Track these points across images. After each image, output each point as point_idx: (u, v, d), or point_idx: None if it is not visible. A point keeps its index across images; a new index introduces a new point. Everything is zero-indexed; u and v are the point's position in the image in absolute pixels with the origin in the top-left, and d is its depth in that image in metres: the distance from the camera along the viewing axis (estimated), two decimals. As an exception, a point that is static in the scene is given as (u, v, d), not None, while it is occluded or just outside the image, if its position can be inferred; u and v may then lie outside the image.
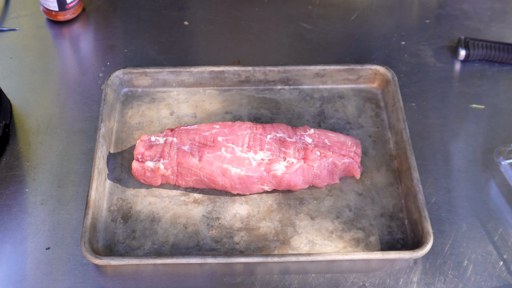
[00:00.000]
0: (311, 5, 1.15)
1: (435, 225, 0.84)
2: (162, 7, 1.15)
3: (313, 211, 0.85)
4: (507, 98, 0.99)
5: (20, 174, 0.90)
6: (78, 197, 0.87)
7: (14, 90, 1.00)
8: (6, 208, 0.86)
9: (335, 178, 0.87)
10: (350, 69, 0.98)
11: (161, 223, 0.84)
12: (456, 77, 1.03)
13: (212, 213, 0.85)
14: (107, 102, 0.93)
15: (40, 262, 0.81)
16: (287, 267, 0.80)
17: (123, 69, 0.97)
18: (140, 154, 0.86)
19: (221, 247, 0.82)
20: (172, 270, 0.80)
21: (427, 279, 0.80)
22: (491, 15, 1.12)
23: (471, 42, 1.03)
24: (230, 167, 0.84)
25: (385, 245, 0.82)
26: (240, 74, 0.98)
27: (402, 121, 0.90)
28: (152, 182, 0.87)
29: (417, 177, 0.84)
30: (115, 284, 0.79)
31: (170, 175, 0.86)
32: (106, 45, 1.08)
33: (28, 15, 1.13)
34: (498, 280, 0.80)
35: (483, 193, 0.88)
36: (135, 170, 0.86)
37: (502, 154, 0.90)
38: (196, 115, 0.96)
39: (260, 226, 0.84)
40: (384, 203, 0.86)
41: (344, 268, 0.80)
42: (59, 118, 0.97)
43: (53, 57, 1.06)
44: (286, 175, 0.84)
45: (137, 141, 0.88)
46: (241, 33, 1.11)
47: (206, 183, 0.86)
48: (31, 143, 0.93)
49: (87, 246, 0.78)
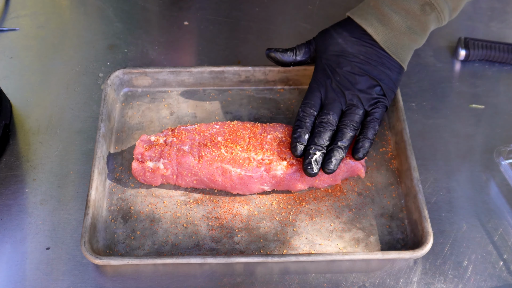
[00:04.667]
0: (311, 5, 1.15)
1: (435, 225, 0.84)
2: (162, 7, 1.15)
3: (313, 211, 0.85)
4: (507, 98, 0.99)
5: (20, 174, 0.90)
6: (78, 197, 0.87)
7: (14, 90, 1.00)
8: (6, 208, 0.86)
9: (337, 179, 0.87)
10: (350, 69, 0.98)
11: (161, 223, 0.84)
12: (456, 77, 1.03)
13: (212, 213, 0.85)
14: (107, 102, 0.93)
15: (40, 262, 0.81)
16: (287, 267, 0.80)
17: (123, 69, 0.97)
18: (140, 154, 0.86)
19: (221, 247, 0.82)
20: (172, 270, 0.80)
21: (427, 279, 0.80)
22: (491, 15, 1.12)
23: (471, 42, 1.03)
24: (230, 167, 0.84)
25: (385, 245, 0.82)
26: (240, 74, 0.98)
27: (402, 121, 0.90)
28: (152, 182, 0.87)
29: (417, 177, 0.84)
30: (115, 284, 0.79)
31: (170, 175, 0.86)
32: (106, 45, 1.08)
33: (28, 15, 1.13)
34: (498, 280, 0.80)
35: (483, 193, 0.88)
36: (135, 170, 0.86)
37: (502, 154, 0.90)
38: (196, 115, 0.96)
39: (260, 226, 0.84)
40: (384, 203, 0.86)
41: (344, 268, 0.80)
42: (59, 118, 0.97)
43: (53, 57, 1.06)
44: (286, 176, 0.84)
45: (137, 141, 0.88)
46: (241, 33, 1.11)
47: (206, 183, 0.86)
48: (31, 143, 0.93)
49: (87, 246, 0.78)
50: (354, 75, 0.87)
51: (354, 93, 0.86)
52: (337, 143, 0.83)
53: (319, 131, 0.84)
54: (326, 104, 0.87)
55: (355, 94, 0.86)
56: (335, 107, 0.86)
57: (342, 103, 0.86)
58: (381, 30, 0.87)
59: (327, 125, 0.85)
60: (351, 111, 0.85)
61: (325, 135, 0.84)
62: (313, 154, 0.83)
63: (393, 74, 0.88)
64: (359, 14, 0.88)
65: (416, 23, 0.86)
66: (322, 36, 0.91)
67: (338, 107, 0.86)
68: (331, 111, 0.86)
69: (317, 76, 0.89)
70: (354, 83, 0.86)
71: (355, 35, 0.88)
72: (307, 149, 0.83)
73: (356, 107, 0.86)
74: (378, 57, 0.87)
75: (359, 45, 0.88)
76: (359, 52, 0.87)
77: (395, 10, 0.86)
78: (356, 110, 0.86)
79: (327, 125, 0.85)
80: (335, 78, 0.87)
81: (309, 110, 0.87)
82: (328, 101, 0.87)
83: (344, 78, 0.87)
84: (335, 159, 0.82)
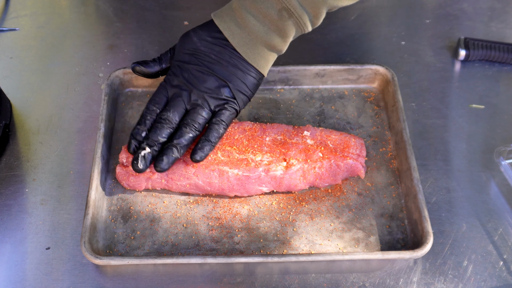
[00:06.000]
0: (311, 5, 1.15)
1: (435, 225, 0.84)
2: (162, 7, 1.15)
3: (313, 211, 0.85)
4: (507, 98, 0.99)
5: (20, 174, 0.90)
6: (78, 197, 0.87)
7: (14, 90, 1.00)
8: (6, 208, 0.86)
9: (337, 178, 0.87)
10: (350, 69, 0.98)
11: (161, 223, 0.84)
12: (456, 77, 1.03)
13: (212, 213, 0.85)
14: (107, 102, 0.93)
15: (40, 262, 0.81)
16: (287, 267, 0.80)
17: (123, 69, 0.97)
18: (125, 158, 0.85)
19: (221, 247, 0.82)
20: (172, 270, 0.80)
21: (427, 279, 0.80)
22: (491, 15, 1.12)
23: (471, 42, 1.03)
24: (227, 168, 0.84)
25: (385, 245, 0.82)
26: (240, 74, 0.98)
27: (402, 121, 0.90)
28: (136, 186, 0.86)
29: (417, 177, 0.84)
30: (115, 284, 0.79)
31: (157, 179, 0.85)
32: (106, 45, 1.08)
33: (28, 15, 1.13)
34: (498, 280, 0.80)
35: (483, 193, 0.88)
36: (119, 174, 0.85)
37: (502, 154, 0.90)
38: (196, 115, 0.96)
39: (260, 226, 0.84)
40: (384, 203, 0.86)
41: (344, 268, 0.80)
42: (59, 118, 0.97)
43: (53, 57, 1.06)
44: (286, 176, 0.84)
45: (124, 145, 0.87)
46: (241, 33, 1.11)
47: (201, 187, 0.85)
48: (31, 143, 0.93)
49: (87, 246, 0.78)
50: (202, 74, 0.84)
51: (200, 93, 0.84)
52: (172, 141, 0.82)
53: (156, 127, 0.83)
54: (169, 102, 0.85)
55: (201, 94, 0.84)
56: (177, 105, 0.84)
57: (186, 101, 0.84)
58: (237, 33, 0.83)
59: (165, 122, 0.83)
60: (195, 111, 0.83)
61: (162, 132, 0.82)
62: (142, 150, 0.81)
63: (246, 77, 0.84)
64: (220, 16, 0.85)
65: (274, 28, 0.82)
66: (181, 38, 0.88)
67: (181, 105, 0.84)
68: (172, 109, 0.83)
69: (168, 74, 0.87)
70: (202, 82, 0.84)
71: (213, 35, 0.85)
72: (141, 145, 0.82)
73: (200, 107, 0.83)
74: (232, 58, 0.84)
75: (214, 44, 0.85)
76: (211, 51, 0.84)
77: (253, 14, 0.82)
78: (200, 110, 0.83)
79: (165, 122, 0.83)
80: (183, 75, 0.85)
81: (152, 107, 0.84)
82: (171, 99, 0.84)
83: (192, 76, 0.84)
84: (166, 158, 0.81)
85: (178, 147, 0.82)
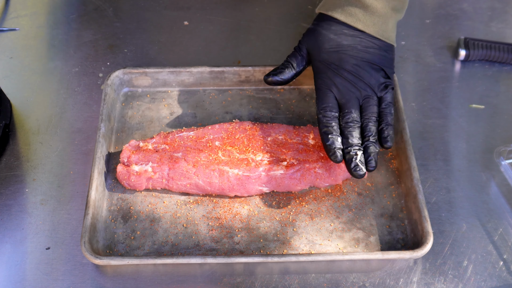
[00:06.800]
0: (311, 5, 1.15)
1: (435, 225, 0.84)
2: (162, 7, 1.15)
3: (313, 211, 0.85)
4: (507, 98, 0.99)
5: (20, 174, 0.90)
6: (78, 197, 0.87)
7: (14, 90, 1.00)
8: (6, 208, 0.86)
9: (337, 178, 0.87)
10: (350, 69, 0.98)
11: (161, 223, 0.84)
12: (456, 77, 1.03)
13: (212, 213, 0.85)
14: (107, 102, 0.93)
15: (40, 262, 0.81)
16: (287, 267, 0.80)
17: (123, 69, 0.97)
18: (126, 158, 0.86)
19: (221, 247, 0.82)
20: (172, 270, 0.80)
21: (427, 279, 0.80)
22: (491, 15, 1.12)
23: (471, 42, 1.03)
24: (228, 168, 0.84)
25: (385, 245, 0.82)
26: (240, 74, 0.98)
27: (402, 121, 0.90)
28: (136, 186, 0.86)
29: (417, 177, 0.84)
30: (115, 284, 0.79)
31: (159, 179, 0.85)
32: (106, 45, 1.08)
33: (28, 15, 1.13)
34: (498, 280, 0.80)
35: (483, 193, 0.88)
36: (119, 174, 0.85)
37: (502, 154, 0.90)
38: (196, 115, 0.96)
39: (260, 226, 0.84)
40: (384, 203, 0.86)
41: (344, 268, 0.80)
42: (59, 118, 0.97)
43: (53, 57, 1.06)
44: (286, 176, 0.84)
45: (125, 145, 0.87)
46: (241, 33, 1.11)
47: (201, 187, 0.85)
48: (31, 143, 0.93)
49: (87, 246, 0.78)
50: (359, 67, 0.87)
51: (366, 84, 0.86)
52: (369, 139, 0.83)
53: (350, 131, 0.84)
54: (344, 102, 0.86)
55: (367, 85, 0.86)
56: (354, 103, 0.85)
57: (359, 97, 0.86)
58: (370, 21, 0.88)
59: (353, 123, 0.84)
60: (369, 103, 0.85)
61: (356, 133, 0.84)
62: (356, 155, 0.82)
63: (389, 55, 0.89)
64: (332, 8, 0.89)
65: (397, 2, 0.89)
66: (310, 37, 0.90)
67: (357, 102, 0.86)
68: (353, 109, 0.85)
69: (322, 77, 0.88)
70: (362, 74, 0.86)
71: (343, 28, 0.88)
72: (346, 152, 0.82)
73: (371, 97, 0.86)
74: (373, 43, 0.88)
75: (351, 36, 0.88)
76: (354, 43, 0.88)
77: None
78: (372, 101, 0.86)
79: (354, 123, 0.84)
80: (342, 74, 0.86)
81: (330, 113, 0.85)
82: (346, 99, 0.86)
83: (352, 72, 0.86)
84: (374, 156, 0.82)
85: (375, 141, 0.84)
